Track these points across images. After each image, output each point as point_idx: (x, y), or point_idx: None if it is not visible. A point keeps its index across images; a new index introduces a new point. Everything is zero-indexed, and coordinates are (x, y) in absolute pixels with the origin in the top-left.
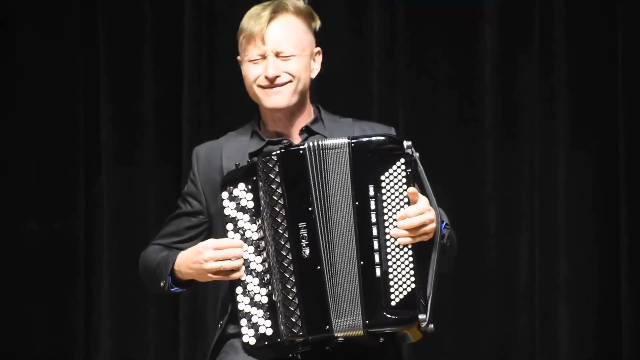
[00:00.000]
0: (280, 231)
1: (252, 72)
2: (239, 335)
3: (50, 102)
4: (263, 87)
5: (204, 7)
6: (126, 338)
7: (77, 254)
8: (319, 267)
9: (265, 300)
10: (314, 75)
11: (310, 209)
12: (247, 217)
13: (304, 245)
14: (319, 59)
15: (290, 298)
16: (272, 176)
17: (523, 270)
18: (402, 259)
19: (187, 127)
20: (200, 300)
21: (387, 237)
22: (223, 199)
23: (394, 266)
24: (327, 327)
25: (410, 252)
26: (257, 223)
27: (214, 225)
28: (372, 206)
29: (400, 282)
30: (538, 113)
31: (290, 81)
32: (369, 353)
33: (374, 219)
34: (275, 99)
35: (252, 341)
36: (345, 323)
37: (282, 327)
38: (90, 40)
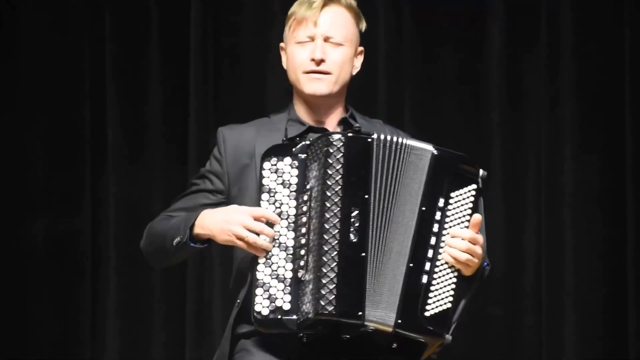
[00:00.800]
0: (330, 212)
1: (299, 55)
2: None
3: (56, 103)
4: (307, 72)
5: (211, 8)
6: (132, 337)
7: (84, 254)
8: (363, 254)
9: (289, 275)
10: (354, 72)
11: (366, 196)
12: (286, 191)
13: (353, 230)
14: (361, 58)
15: (329, 277)
16: (333, 157)
17: (529, 271)
18: (447, 276)
19: (194, 127)
20: (207, 300)
21: (441, 251)
22: (264, 169)
23: (439, 280)
24: (360, 313)
25: (455, 273)
26: (298, 200)
27: (235, 203)
28: (437, 217)
29: (439, 297)
30: (544, 114)
31: (333, 71)
32: (376, 353)
33: (435, 229)
34: (317, 86)
35: (265, 311)
36: (377, 315)
37: (307, 304)
38: (96, 40)
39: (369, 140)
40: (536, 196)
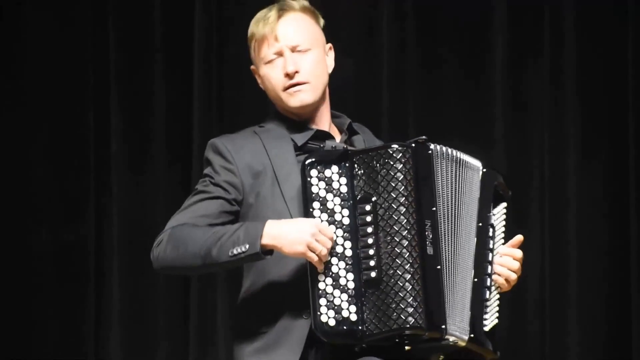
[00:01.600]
0: (405, 224)
1: (273, 74)
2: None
3: (60, 112)
4: (286, 89)
5: (214, 16)
6: (136, 346)
7: (87, 263)
8: (438, 267)
9: (351, 285)
10: (330, 70)
11: (433, 209)
12: (337, 200)
13: (428, 243)
14: (332, 54)
15: (415, 289)
16: (397, 169)
17: (533, 280)
18: (497, 291)
19: (197, 137)
20: (210, 308)
21: (495, 266)
22: (311, 177)
23: (493, 296)
24: (443, 326)
25: (500, 289)
26: (356, 209)
27: (252, 213)
28: (490, 233)
29: (493, 312)
30: (548, 122)
31: (310, 80)
32: None
33: (490, 245)
34: (300, 97)
35: (332, 322)
36: (455, 328)
37: (381, 316)
38: (100, 50)
39: (430, 151)
40: (540, 204)
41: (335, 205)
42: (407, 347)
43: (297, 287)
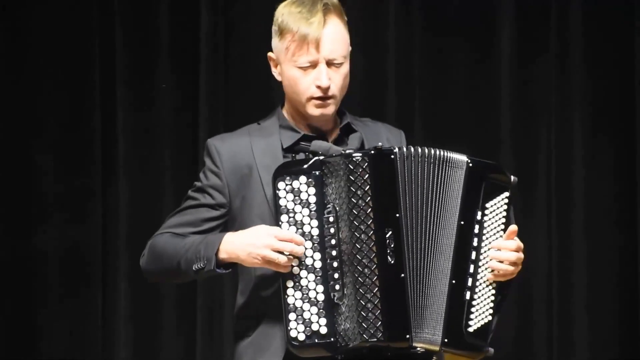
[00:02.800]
0: (363, 234)
1: (302, 81)
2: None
3: (67, 111)
4: (314, 99)
5: (221, 16)
6: (143, 345)
7: (94, 263)
8: (402, 275)
9: (321, 297)
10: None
11: (397, 215)
12: (306, 211)
13: (389, 252)
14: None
15: (372, 302)
16: (358, 177)
17: (540, 278)
18: (488, 289)
19: (204, 135)
20: (218, 307)
21: (481, 264)
22: (279, 189)
23: (480, 294)
24: (408, 336)
25: (494, 284)
26: (321, 220)
27: (239, 218)
28: (476, 230)
29: (481, 311)
30: (555, 119)
31: (337, 94)
32: None
33: (475, 243)
34: (322, 111)
35: (302, 337)
36: (425, 335)
37: (348, 328)
38: (107, 49)
39: (392, 156)
40: (547, 200)
41: (303, 217)
42: (388, 354)
43: (278, 294)
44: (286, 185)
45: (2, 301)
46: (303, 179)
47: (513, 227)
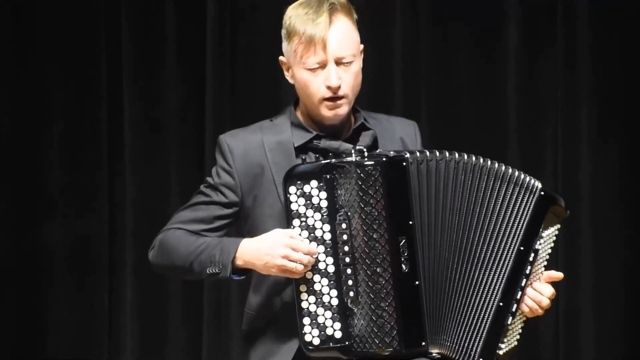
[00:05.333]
0: (378, 243)
1: (312, 83)
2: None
3: (73, 104)
4: (326, 100)
5: (227, 8)
6: (149, 338)
7: (101, 255)
8: (417, 283)
9: (335, 302)
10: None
11: (410, 222)
12: (318, 215)
13: (404, 260)
14: (362, 55)
15: (387, 311)
16: (369, 185)
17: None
18: (522, 317)
19: (210, 127)
20: (224, 301)
21: (527, 292)
22: (290, 193)
23: (517, 321)
24: (423, 343)
25: (525, 316)
26: (333, 224)
27: (251, 217)
28: (531, 258)
29: (514, 336)
30: (561, 113)
31: (349, 94)
32: None
33: (527, 271)
34: (335, 112)
35: (317, 341)
36: (447, 341)
37: (363, 333)
38: (113, 42)
39: (404, 163)
40: None
41: (315, 221)
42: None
43: (290, 296)
44: (297, 189)
45: (9, 294)
46: (314, 183)
47: (559, 275)
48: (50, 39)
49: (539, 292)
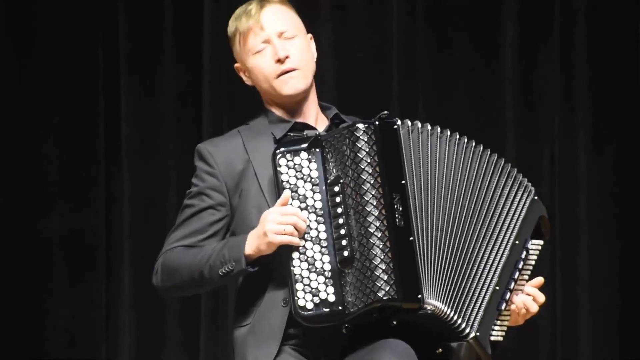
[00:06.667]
0: (372, 199)
1: (263, 63)
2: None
3: (70, 98)
4: (278, 76)
5: (225, 2)
6: (147, 334)
7: (98, 250)
8: (411, 238)
9: (327, 267)
10: (314, 57)
11: (402, 182)
12: (309, 185)
13: (397, 216)
14: (313, 44)
15: (384, 262)
16: (362, 144)
17: (544, 266)
18: (508, 314)
19: (207, 122)
20: (222, 296)
21: (516, 287)
22: (280, 165)
23: (506, 314)
24: (419, 296)
25: (510, 318)
26: (326, 193)
27: (237, 213)
28: (523, 255)
29: (502, 327)
30: (558, 106)
31: (300, 66)
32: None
33: (519, 265)
34: (292, 84)
35: (310, 305)
36: (437, 300)
37: (358, 293)
38: (109, 36)
39: (395, 126)
40: (550, 191)
41: (306, 190)
42: (394, 322)
43: (274, 276)
44: (287, 161)
45: (7, 289)
46: (304, 154)
47: (540, 280)
48: (47, 32)
49: (533, 295)
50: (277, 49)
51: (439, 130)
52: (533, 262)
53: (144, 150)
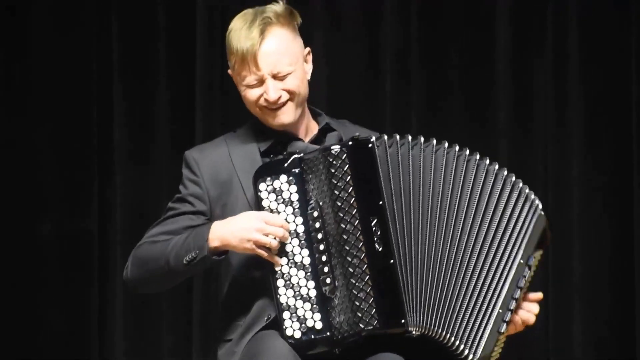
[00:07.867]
0: (349, 224)
1: (252, 95)
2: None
3: (64, 104)
4: (266, 108)
5: (217, 5)
6: (140, 339)
7: (91, 255)
8: (392, 261)
9: (313, 293)
10: (308, 77)
11: (380, 202)
12: (290, 209)
13: (376, 239)
14: (310, 58)
15: (364, 290)
16: (338, 169)
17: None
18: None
19: (200, 126)
20: (214, 300)
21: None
22: (260, 190)
23: (504, 334)
24: (403, 321)
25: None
26: (306, 217)
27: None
28: (525, 273)
29: (500, 345)
30: (551, 113)
31: (292, 99)
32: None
33: (522, 284)
34: (280, 119)
35: (298, 334)
36: (421, 321)
37: (343, 320)
38: (103, 40)
39: (370, 145)
40: (543, 196)
41: (287, 215)
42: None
43: (258, 292)
44: (267, 186)
45: (1, 293)
46: (284, 177)
47: (540, 295)
48: (40, 38)
49: (530, 311)
50: (269, 91)
51: (422, 140)
52: (532, 275)
53: (136, 156)
